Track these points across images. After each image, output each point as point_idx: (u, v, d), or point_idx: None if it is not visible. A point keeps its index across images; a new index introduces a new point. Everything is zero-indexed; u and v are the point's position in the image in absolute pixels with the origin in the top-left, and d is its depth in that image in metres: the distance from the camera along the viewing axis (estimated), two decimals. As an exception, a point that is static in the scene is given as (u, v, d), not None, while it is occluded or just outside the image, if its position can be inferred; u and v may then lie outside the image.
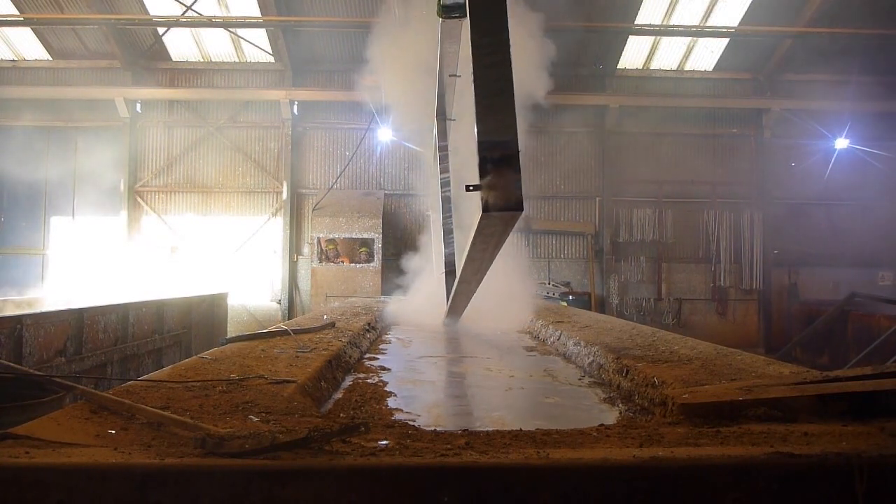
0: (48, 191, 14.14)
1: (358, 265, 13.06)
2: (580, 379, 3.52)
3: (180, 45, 13.98)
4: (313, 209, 13.26)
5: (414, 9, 8.76)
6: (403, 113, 9.87)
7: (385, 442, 1.60)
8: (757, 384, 2.25)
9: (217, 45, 14.03)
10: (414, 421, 2.43)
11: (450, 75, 5.04)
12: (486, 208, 2.19)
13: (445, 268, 5.64)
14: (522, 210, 2.20)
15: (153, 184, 14.25)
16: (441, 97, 5.83)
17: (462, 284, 4.38)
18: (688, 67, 14.44)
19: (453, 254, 5.69)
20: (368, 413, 2.63)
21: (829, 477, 1.39)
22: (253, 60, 14.22)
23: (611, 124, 14.28)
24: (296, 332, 4.14)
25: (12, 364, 3.81)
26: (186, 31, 13.64)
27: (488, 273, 3.94)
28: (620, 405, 2.87)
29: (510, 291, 6.42)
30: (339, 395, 3.06)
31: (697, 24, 13.45)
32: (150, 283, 12.58)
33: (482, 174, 2.17)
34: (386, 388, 3.21)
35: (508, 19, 2.40)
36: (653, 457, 1.43)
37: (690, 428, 1.85)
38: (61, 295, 10.01)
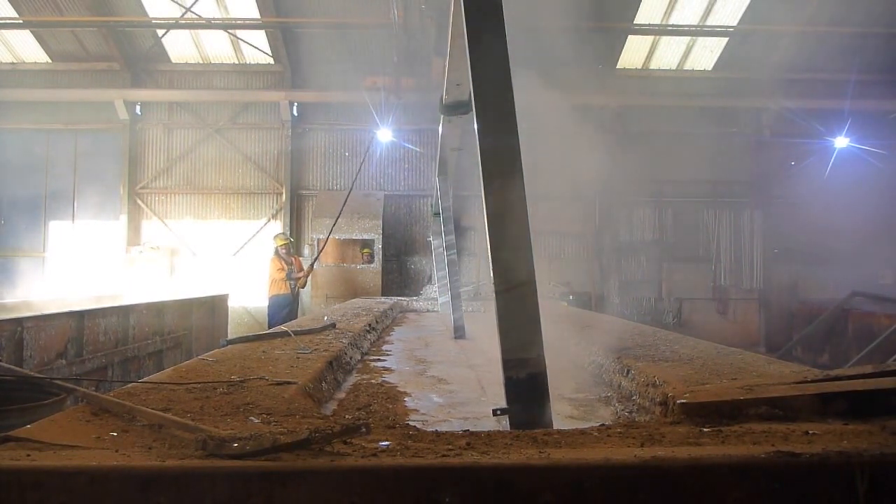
0: (48, 193, 14.14)
1: (358, 266, 13.07)
2: (580, 378, 3.52)
3: (179, 46, 13.98)
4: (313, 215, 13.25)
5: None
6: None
7: (386, 443, 1.60)
8: (758, 383, 2.25)
9: (216, 47, 14.03)
10: (415, 421, 2.43)
11: (452, 149, 5.15)
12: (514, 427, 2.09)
13: (455, 333, 5.77)
14: (552, 427, 2.07)
15: (153, 186, 14.26)
16: (443, 160, 5.89)
17: None
18: (687, 67, 14.44)
19: (462, 318, 5.84)
20: (369, 414, 2.63)
21: (831, 476, 1.39)
22: (252, 62, 14.22)
23: (610, 124, 14.28)
24: (297, 333, 4.14)
25: (13, 367, 3.81)
26: (185, 32, 13.64)
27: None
28: (621, 405, 2.87)
29: None
30: (341, 394, 3.07)
31: (697, 23, 13.46)
32: (150, 285, 12.60)
33: (509, 397, 2.10)
34: (386, 389, 3.22)
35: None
36: (654, 456, 1.43)
37: (691, 427, 1.85)
38: (61, 297, 10.01)
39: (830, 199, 13.96)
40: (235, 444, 1.43)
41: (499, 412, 2.12)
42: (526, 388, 2.10)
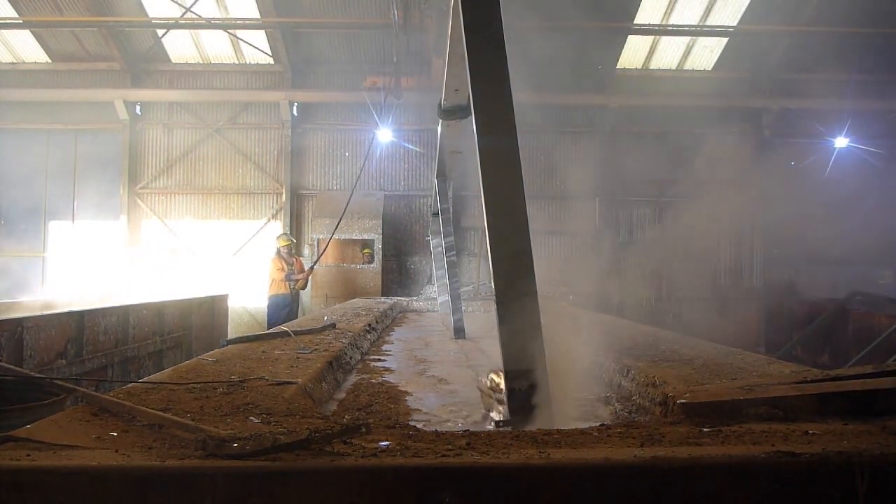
0: (48, 192, 14.13)
1: (358, 266, 13.07)
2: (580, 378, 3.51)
3: (179, 46, 13.97)
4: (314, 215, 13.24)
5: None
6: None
7: (386, 443, 1.60)
8: (758, 383, 2.25)
9: (216, 47, 14.03)
10: (416, 421, 2.43)
11: (451, 152, 5.15)
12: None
13: (455, 334, 5.76)
14: None
15: (153, 186, 14.25)
16: (442, 161, 5.89)
17: None
18: (687, 67, 14.43)
19: (461, 319, 5.85)
20: (370, 414, 2.63)
21: (831, 476, 1.39)
22: (252, 62, 14.21)
23: (610, 124, 14.27)
24: (297, 333, 4.14)
25: (13, 366, 3.81)
26: (185, 32, 13.63)
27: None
28: (621, 405, 2.87)
29: None
30: (341, 394, 3.07)
31: (696, 23, 13.45)
32: (150, 285, 12.59)
33: (511, 408, 2.13)
34: (387, 389, 3.22)
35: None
36: (654, 456, 1.43)
37: (691, 427, 1.85)
38: (61, 297, 10.01)
39: (830, 198, 13.96)
40: (235, 444, 1.44)
41: (501, 424, 2.12)
42: (528, 398, 2.11)
